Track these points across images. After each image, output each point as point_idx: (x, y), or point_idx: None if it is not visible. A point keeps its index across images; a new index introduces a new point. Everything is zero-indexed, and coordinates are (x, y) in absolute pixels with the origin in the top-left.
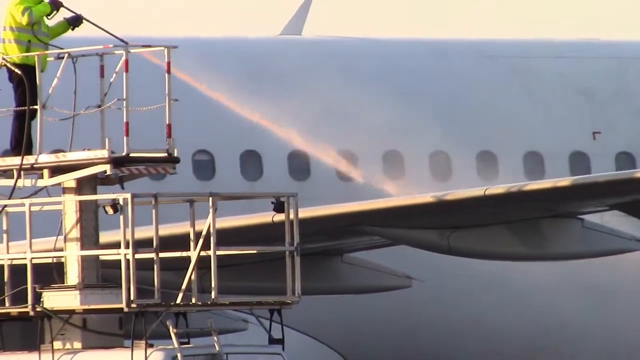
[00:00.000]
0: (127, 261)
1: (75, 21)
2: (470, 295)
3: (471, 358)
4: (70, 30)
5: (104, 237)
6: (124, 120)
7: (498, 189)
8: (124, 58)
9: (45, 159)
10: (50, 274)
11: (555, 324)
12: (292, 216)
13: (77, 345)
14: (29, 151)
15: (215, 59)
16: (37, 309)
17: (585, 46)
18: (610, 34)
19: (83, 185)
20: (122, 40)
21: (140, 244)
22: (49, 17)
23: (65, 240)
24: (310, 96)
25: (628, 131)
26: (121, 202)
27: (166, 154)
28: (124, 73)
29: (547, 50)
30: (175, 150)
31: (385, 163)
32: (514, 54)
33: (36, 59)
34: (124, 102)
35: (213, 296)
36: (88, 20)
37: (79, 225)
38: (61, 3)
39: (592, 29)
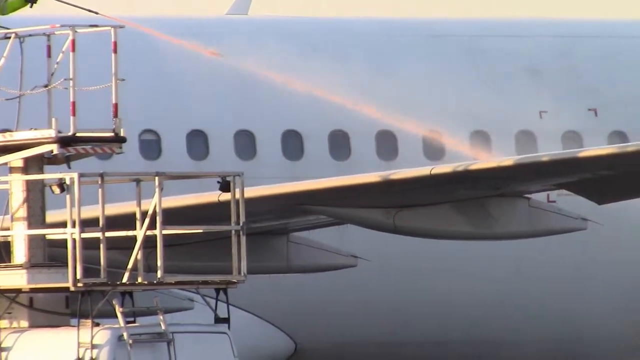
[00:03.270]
0: (74, 240)
1: None
2: (417, 274)
3: (417, 336)
4: (28, 7)
5: (51, 216)
6: (71, 100)
7: (444, 168)
8: (70, 38)
9: None
10: None
11: (500, 301)
12: (237, 195)
13: (24, 324)
14: None
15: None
16: None
17: (533, 24)
18: (557, 12)
19: (30, 165)
20: (93, 12)
21: (87, 223)
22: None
23: (12, 219)
24: (257, 75)
25: (575, 110)
26: (68, 182)
27: (113, 134)
28: (70, 53)
29: (495, 29)
30: (122, 130)
31: (331, 142)
32: (463, 33)
33: None
34: (71, 81)
35: (159, 275)
36: None
37: (25, 204)
38: None
39: (540, 7)
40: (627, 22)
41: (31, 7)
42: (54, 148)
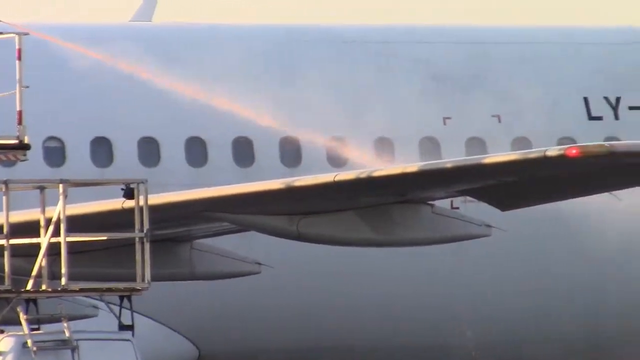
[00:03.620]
0: None
1: None
2: (322, 279)
3: (321, 342)
4: None
5: None
6: None
7: (347, 174)
8: None
9: None
10: None
11: (406, 305)
12: (141, 202)
13: None
14: None
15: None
16: None
17: (439, 31)
18: (463, 19)
19: None
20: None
21: None
22: None
23: None
24: (159, 82)
25: (479, 116)
26: None
27: (17, 141)
28: None
29: (401, 34)
30: (26, 137)
31: (235, 149)
32: (369, 38)
33: None
34: None
35: (63, 282)
36: None
37: None
38: None
39: (447, 14)
40: (530, 28)
41: None
42: None
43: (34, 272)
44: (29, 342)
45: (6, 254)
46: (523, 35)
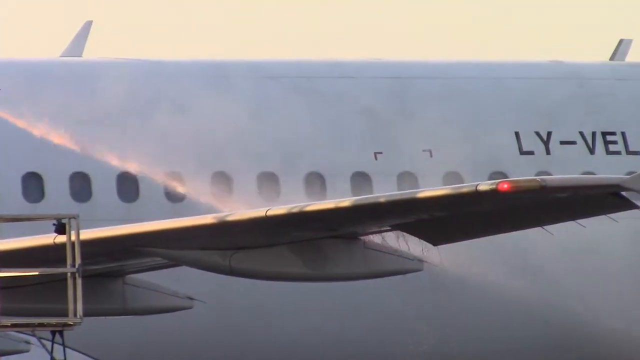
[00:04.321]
0: None
1: None
2: (256, 312)
3: None
4: None
5: None
6: None
7: (279, 209)
8: None
9: None
10: None
11: (340, 341)
12: (73, 237)
13: None
14: None
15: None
16: None
17: (367, 66)
18: (392, 54)
19: None
20: None
21: None
22: None
23: None
24: (92, 118)
25: (410, 151)
26: None
27: None
28: None
29: (329, 70)
30: None
31: (168, 183)
32: (296, 74)
33: None
34: None
35: None
36: None
37: None
38: None
39: (374, 49)
40: (459, 62)
41: None
42: None
43: None
44: None
45: None
46: (452, 69)
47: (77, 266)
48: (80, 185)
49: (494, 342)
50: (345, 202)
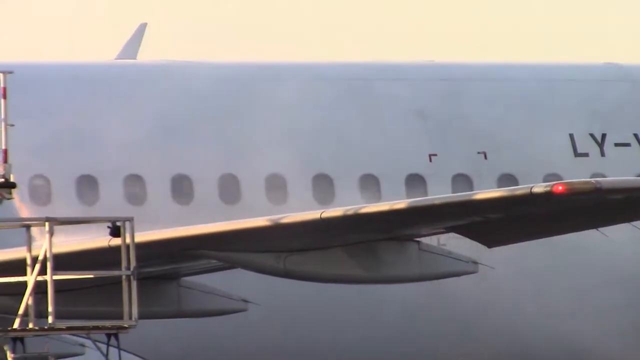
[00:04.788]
0: None
1: None
2: (309, 317)
3: None
4: None
5: None
6: None
7: (334, 212)
8: None
9: None
10: None
11: (392, 347)
12: (128, 240)
13: None
14: None
15: (53, 83)
16: None
17: (421, 68)
18: (445, 56)
19: None
20: None
21: None
22: None
23: None
24: (144, 118)
25: (464, 154)
26: None
27: (2, 179)
28: None
29: (384, 72)
30: (12, 176)
31: (221, 187)
32: (351, 76)
33: None
34: None
35: (50, 321)
36: None
37: None
38: None
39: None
40: (513, 64)
41: None
42: None
43: (21, 311)
44: None
45: None
46: (509, 72)
47: (132, 269)
48: (135, 188)
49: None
50: (400, 204)
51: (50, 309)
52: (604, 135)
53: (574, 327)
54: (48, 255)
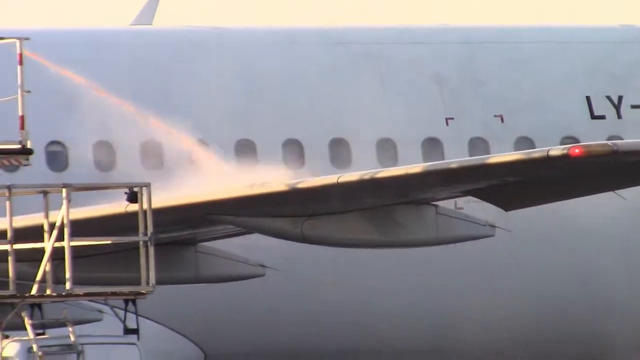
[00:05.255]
0: None
1: None
2: (325, 283)
3: (326, 346)
4: None
5: None
6: None
7: (351, 176)
8: None
9: None
10: None
11: (407, 311)
12: (145, 206)
13: None
14: None
15: (68, 49)
16: None
17: (436, 31)
18: (460, 20)
19: None
20: None
21: None
22: None
23: None
24: (160, 87)
25: (480, 117)
26: None
27: (19, 146)
28: None
29: (398, 36)
30: (29, 142)
31: (237, 152)
32: (366, 40)
33: None
34: None
35: (68, 287)
36: None
37: None
38: None
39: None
40: (529, 27)
41: None
42: None
43: (38, 277)
44: (34, 347)
45: (10, 259)
46: (525, 34)
47: (149, 235)
48: (152, 153)
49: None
50: (417, 168)
51: (67, 275)
52: (620, 98)
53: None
54: (65, 221)
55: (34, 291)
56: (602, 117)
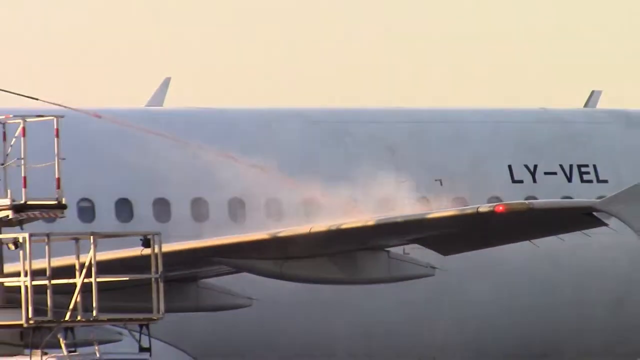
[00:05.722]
0: (26, 287)
1: None
2: (299, 309)
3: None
4: None
5: (8, 268)
6: (22, 175)
7: (320, 226)
8: (21, 126)
9: None
10: None
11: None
12: (156, 250)
13: None
14: None
15: (97, 126)
16: None
17: (391, 112)
18: (409, 103)
19: None
20: (34, 98)
21: (37, 273)
22: None
23: None
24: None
25: (425, 180)
26: (21, 240)
27: (56, 202)
28: (22, 137)
29: (361, 116)
30: (64, 199)
31: (230, 208)
32: (335, 119)
33: None
34: (22, 160)
35: (94, 314)
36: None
37: None
38: None
39: (393, 98)
40: (466, 109)
41: None
42: (9, 213)
43: (71, 306)
44: None
45: (49, 292)
46: (462, 115)
47: (159, 273)
48: (161, 208)
49: None
50: (371, 220)
51: (94, 304)
52: (535, 166)
53: None
54: (93, 262)
55: (67, 317)
56: (521, 182)
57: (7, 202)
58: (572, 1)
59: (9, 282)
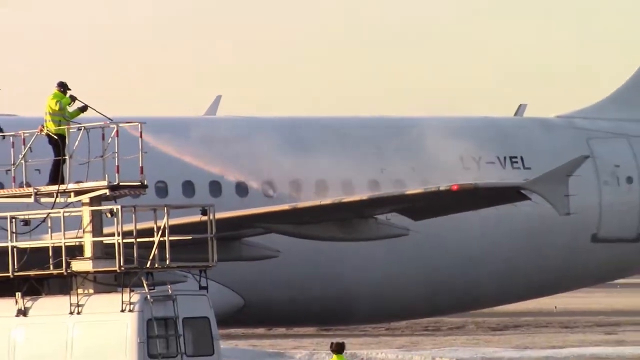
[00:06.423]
0: (119, 244)
1: (84, 108)
2: (316, 259)
3: (358, 302)
4: (81, 114)
5: (106, 230)
6: (116, 164)
7: (327, 200)
8: (115, 129)
9: (72, 186)
10: (74, 252)
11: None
12: (211, 217)
13: (91, 291)
14: (62, 182)
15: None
16: (68, 271)
17: (380, 120)
18: (392, 112)
19: (93, 201)
20: (108, 118)
21: (126, 234)
22: (70, 106)
23: (84, 232)
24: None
25: (402, 168)
26: (115, 210)
27: (140, 183)
28: (116, 138)
29: (355, 123)
30: (145, 181)
31: (264, 186)
32: (339, 125)
33: (66, 130)
34: (116, 154)
35: (167, 262)
36: (92, 108)
37: (91, 223)
38: (76, 98)
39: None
40: (433, 117)
41: (82, 113)
42: (107, 191)
43: (150, 257)
44: (148, 296)
45: (135, 247)
46: (429, 121)
47: (213, 233)
48: (216, 186)
49: None
50: (364, 196)
51: (167, 255)
52: (480, 157)
53: None
54: (166, 225)
55: (148, 265)
56: (469, 169)
57: (105, 183)
58: (494, 26)
59: (107, 240)
